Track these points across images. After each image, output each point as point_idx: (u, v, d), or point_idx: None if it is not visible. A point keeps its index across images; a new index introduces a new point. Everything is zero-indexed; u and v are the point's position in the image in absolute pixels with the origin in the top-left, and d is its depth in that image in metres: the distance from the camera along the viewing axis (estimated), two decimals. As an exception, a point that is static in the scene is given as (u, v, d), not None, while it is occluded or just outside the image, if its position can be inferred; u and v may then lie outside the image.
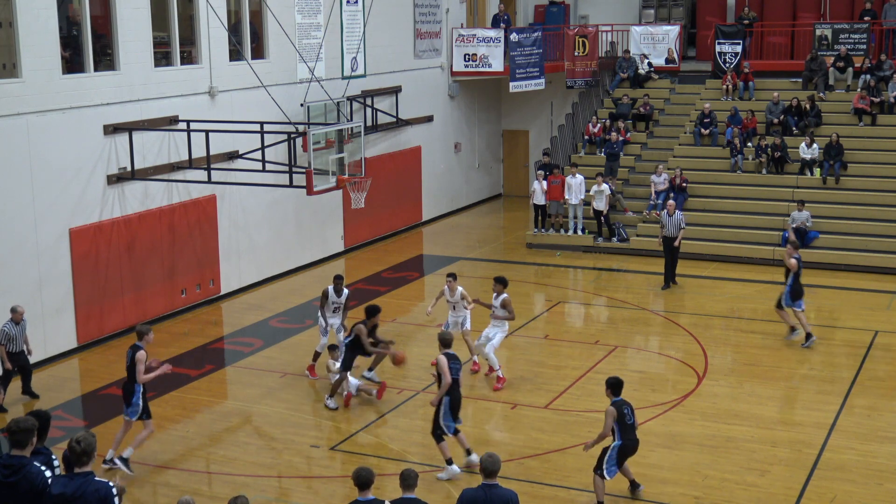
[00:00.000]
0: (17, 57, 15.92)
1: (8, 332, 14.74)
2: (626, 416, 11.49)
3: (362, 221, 24.40)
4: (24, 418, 7.79)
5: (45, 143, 16.42)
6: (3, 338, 14.71)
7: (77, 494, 7.38)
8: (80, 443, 7.49)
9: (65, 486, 7.44)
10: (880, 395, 15.06)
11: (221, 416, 14.58)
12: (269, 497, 12.11)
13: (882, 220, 22.57)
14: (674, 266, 20.77)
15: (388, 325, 18.53)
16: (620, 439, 11.46)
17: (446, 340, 12.63)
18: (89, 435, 7.56)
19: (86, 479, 7.46)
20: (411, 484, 8.71)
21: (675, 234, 20.44)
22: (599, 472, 11.51)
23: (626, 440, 11.49)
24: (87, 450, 7.49)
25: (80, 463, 7.53)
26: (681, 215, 20.85)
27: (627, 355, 16.93)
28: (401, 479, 8.77)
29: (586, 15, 31.71)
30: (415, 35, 26.52)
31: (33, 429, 7.68)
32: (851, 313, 19.15)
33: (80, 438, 7.51)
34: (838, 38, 26.35)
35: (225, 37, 19.69)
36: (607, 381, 11.73)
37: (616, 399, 11.57)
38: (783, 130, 24.87)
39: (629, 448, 11.59)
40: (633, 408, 11.67)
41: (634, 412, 11.65)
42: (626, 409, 11.51)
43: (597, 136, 26.24)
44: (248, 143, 19.35)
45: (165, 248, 18.85)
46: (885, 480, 12.22)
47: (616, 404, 11.50)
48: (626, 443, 11.50)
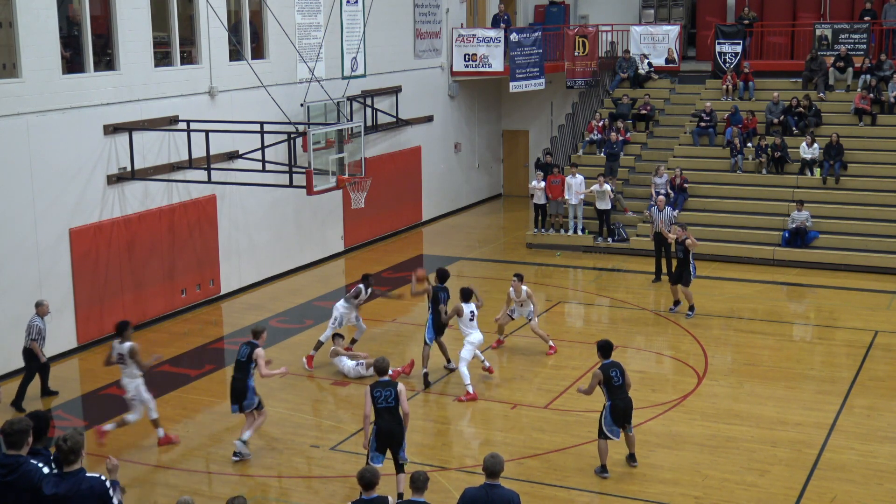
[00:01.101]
0: (17, 57, 15.92)
1: (39, 327, 14.87)
2: (613, 378, 12.09)
3: (362, 221, 24.40)
4: (18, 419, 7.77)
5: (45, 143, 16.42)
6: (35, 332, 14.83)
7: (70, 493, 7.35)
8: (66, 441, 7.44)
9: (56, 485, 7.39)
10: (880, 395, 15.06)
11: (221, 416, 14.57)
12: (269, 497, 12.12)
13: (882, 220, 22.57)
14: (669, 262, 20.81)
15: (388, 325, 18.55)
16: (609, 400, 12.10)
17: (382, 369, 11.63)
18: (76, 433, 7.52)
19: (77, 476, 7.42)
20: (421, 486, 8.70)
21: (666, 230, 20.55)
22: (602, 436, 12.17)
23: (616, 400, 12.10)
24: (74, 448, 7.45)
25: (67, 461, 7.47)
26: (671, 211, 20.91)
27: (628, 355, 16.91)
28: (410, 481, 8.77)
29: (586, 15, 31.71)
30: (415, 35, 26.52)
31: (28, 430, 7.65)
32: (851, 313, 19.15)
33: (67, 437, 7.46)
34: (838, 38, 26.35)
35: (225, 37, 19.69)
36: (597, 343, 12.49)
37: (605, 361, 12.24)
38: (783, 130, 24.88)
39: (620, 408, 12.14)
40: (624, 369, 12.26)
41: (625, 374, 12.23)
42: (613, 372, 12.12)
43: (599, 132, 26.23)
44: (248, 143, 19.35)
45: (165, 248, 18.85)
46: (885, 480, 12.22)
47: (604, 367, 12.18)
48: (616, 403, 12.10)
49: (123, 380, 13.24)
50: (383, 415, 11.37)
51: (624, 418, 12.24)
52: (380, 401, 11.36)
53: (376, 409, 11.39)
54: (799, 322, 19.37)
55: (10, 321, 16.04)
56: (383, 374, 11.57)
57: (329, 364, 16.39)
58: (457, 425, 14.25)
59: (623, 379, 12.17)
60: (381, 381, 11.50)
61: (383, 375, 11.56)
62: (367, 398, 11.42)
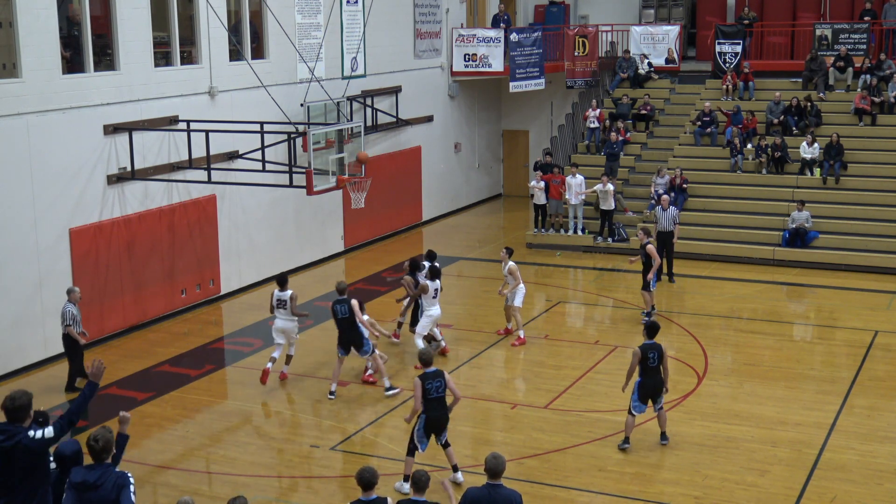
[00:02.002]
0: (17, 57, 15.92)
1: (72, 313, 15.34)
2: (649, 359, 12.82)
3: (362, 221, 24.40)
4: (20, 393, 8.27)
5: (45, 143, 16.42)
6: (70, 318, 15.31)
7: (98, 482, 7.88)
8: (98, 441, 7.97)
9: (85, 475, 7.94)
10: (880, 395, 15.06)
11: (221, 416, 14.58)
12: (269, 497, 12.12)
13: (882, 220, 22.57)
14: (670, 262, 20.81)
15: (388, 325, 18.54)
16: (641, 377, 12.92)
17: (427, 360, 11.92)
18: (106, 431, 8.04)
19: (106, 469, 7.98)
20: (422, 486, 8.70)
21: (669, 229, 20.55)
22: (630, 411, 12.95)
23: (647, 379, 12.90)
24: (106, 447, 7.99)
25: (100, 459, 7.99)
26: (675, 210, 20.92)
27: (628, 355, 16.90)
28: (412, 481, 8.78)
29: (586, 15, 31.72)
30: (415, 35, 26.52)
31: (29, 404, 8.20)
32: (851, 313, 19.15)
33: (98, 437, 7.98)
34: (838, 38, 26.35)
35: (225, 37, 19.69)
36: (644, 324, 13.43)
37: (647, 342, 12.94)
38: (783, 130, 24.88)
39: (649, 386, 12.92)
40: (663, 353, 12.92)
41: (663, 357, 12.89)
42: (651, 353, 12.82)
43: (599, 120, 26.19)
44: (248, 143, 19.35)
45: (165, 248, 18.85)
46: (885, 480, 12.22)
47: (643, 347, 12.89)
48: (645, 381, 12.91)
49: (278, 322, 15.53)
50: (433, 404, 11.77)
51: (651, 396, 13.00)
52: (431, 392, 11.72)
53: (427, 399, 11.73)
54: (799, 322, 19.38)
55: (10, 321, 16.05)
56: (429, 365, 11.83)
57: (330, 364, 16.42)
58: (457, 425, 14.23)
59: (659, 361, 12.87)
60: (428, 372, 11.79)
61: (429, 366, 11.82)
62: (417, 390, 11.71)
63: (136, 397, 15.22)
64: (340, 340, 15.08)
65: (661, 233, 20.64)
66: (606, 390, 15.16)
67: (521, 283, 17.20)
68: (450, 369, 16.13)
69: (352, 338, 14.94)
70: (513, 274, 17.09)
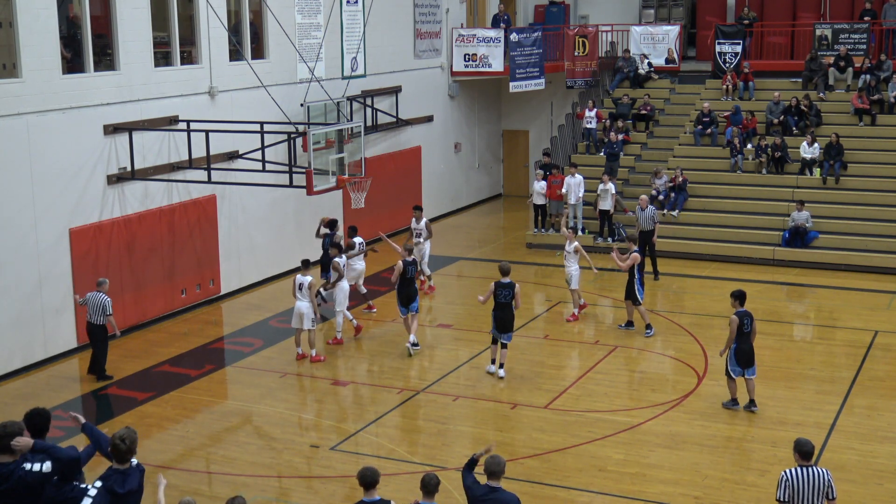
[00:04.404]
0: (17, 57, 15.92)
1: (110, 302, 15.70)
2: (744, 325, 13.80)
3: (362, 221, 24.34)
4: (10, 423, 8.05)
5: (45, 143, 16.42)
6: (110, 308, 15.66)
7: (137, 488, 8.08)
8: (124, 441, 7.98)
9: (122, 484, 7.96)
10: (880, 395, 15.06)
11: (221, 416, 14.58)
12: (269, 497, 12.12)
13: (882, 220, 22.57)
14: (653, 260, 20.89)
15: (388, 325, 18.55)
16: (736, 343, 13.87)
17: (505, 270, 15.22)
18: (131, 431, 8.08)
19: (135, 469, 8.10)
20: (432, 490, 8.62)
21: (650, 228, 20.61)
22: (728, 374, 14.09)
23: (742, 344, 13.87)
24: (132, 447, 8.02)
25: (125, 460, 8.01)
26: (653, 210, 21.01)
27: (627, 355, 16.93)
28: (421, 484, 8.69)
29: (586, 15, 31.72)
30: (415, 35, 26.52)
31: (20, 433, 7.95)
32: (851, 313, 19.15)
33: (125, 437, 8.00)
34: (838, 38, 26.34)
35: (225, 37, 19.69)
36: (732, 293, 14.17)
37: (740, 310, 13.87)
38: (783, 130, 24.88)
39: (744, 351, 13.88)
40: (752, 318, 13.89)
41: (753, 322, 13.88)
42: (745, 320, 13.78)
43: (599, 118, 26.19)
44: (248, 143, 19.35)
45: (165, 248, 18.85)
46: (885, 480, 12.22)
47: (739, 314, 13.82)
48: (741, 346, 13.86)
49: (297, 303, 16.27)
50: (502, 307, 15.24)
51: (746, 362, 13.92)
52: (500, 297, 15.18)
53: (497, 303, 15.19)
54: (799, 322, 19.38)
55: (10, 321, 16.05)
56: (506, 276, 15.15)
57: (328, 364, 16.41)
58: (457, 425, 14.25)
59: (751, 327, 13.87)
60: (501, 282, 15.15)
61: (505, 277, 15.14)
62: (489, 293, 15.30)
63: (136, 397, 15.22)
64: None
65: (642, 232, 20.77)
66: (606, 390, 15.16)
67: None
68: (450, 369, 16.15)
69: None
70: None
